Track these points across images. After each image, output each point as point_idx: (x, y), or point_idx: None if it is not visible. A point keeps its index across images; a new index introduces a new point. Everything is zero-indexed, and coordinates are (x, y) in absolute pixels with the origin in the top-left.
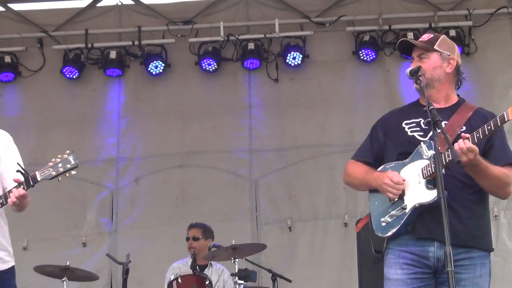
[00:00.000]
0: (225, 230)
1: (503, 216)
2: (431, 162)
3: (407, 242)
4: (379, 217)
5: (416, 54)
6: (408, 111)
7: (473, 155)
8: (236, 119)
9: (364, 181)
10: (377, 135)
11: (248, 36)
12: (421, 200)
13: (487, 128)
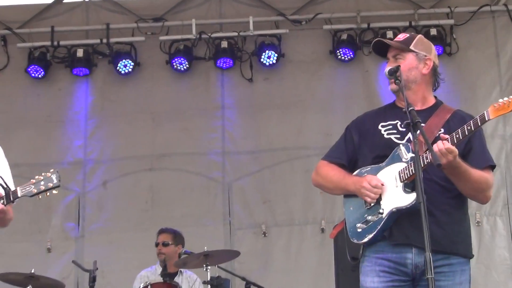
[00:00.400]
0: (197, 235)
1: (485, 222)
2: (409, 165)
3: (383, 249)
4: (354, 223)
5: (391, 54)
6: (384, 113)
7: (452, 157)
8: (209, 120)
9: (341, 185)
10: (351, 137)
11: (221, 34)
12: (398, 204)
13: (467, 128)
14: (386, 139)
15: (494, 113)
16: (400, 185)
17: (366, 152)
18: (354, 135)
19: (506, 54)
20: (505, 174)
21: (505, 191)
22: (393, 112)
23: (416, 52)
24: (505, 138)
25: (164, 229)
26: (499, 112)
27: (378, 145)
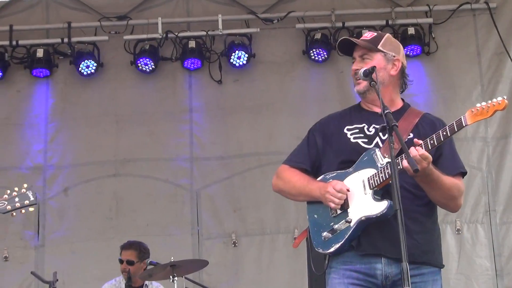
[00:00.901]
0: (163, 245)
1: (466, 230)
2: (379, 172)
3: (351, 260)
4: (320, 232)
5: (358, 54)
6: (349, 115)
7: (426, 164)
8: (176, 124)
9: (305, 191)
10: (314, 140)
11: (189, 33)
12: (368, 212)
13: (442, 134)
14: (353, 144)
15: (472, 118)
16: (369, 193)
17: (331, 157)
18: (317, 139)
19: (487, 53)
20: (487, 179)
21: (486, 197)
22: (360, 115)
23: (384, 52)
24: (487, 140)
25: (127, 245)
26: (477, 117)
27: (344, 149)
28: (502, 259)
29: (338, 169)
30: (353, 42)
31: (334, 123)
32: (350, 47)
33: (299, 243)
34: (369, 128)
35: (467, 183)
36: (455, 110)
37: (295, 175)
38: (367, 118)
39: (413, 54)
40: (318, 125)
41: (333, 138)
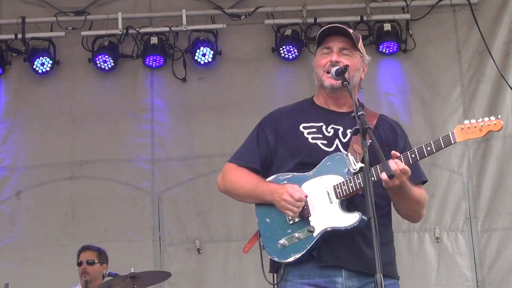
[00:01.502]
0: (122, 252)
1: (446, 238)
2: (347, 180)
3: (309, 273)
4: (274, 238)
5: (338, 46)
6: (303, 111)
7: (406, 178)
8: (136, 123)
9: (255, 194)
10: (265, 137)
11: (151, 29)
12: (335, 224)
13: (426, 149)
14: (312, 145)
15: (461, 136)
16: (336, 202)
17: (285, 157)
18: (268, 135)
19: (468, 50)
20: (467, 184)
21: (467, 203)
22: (315, 112)
23: (361, 53)
24: (468, 144)
25: (86, 246)
26: (467, 135)
27: (302, 150)
28: (484, 269)
29: (294, 171)
30: (336, 32)
31: (287, 119)
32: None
33: (250, 248)
34: (328, 129)
35: (447, 188)
36: (434, 111)
37: (243, 175)
38: (324, 117)
39: (389, 51)
40: (268, 120)
41: (287, 136)
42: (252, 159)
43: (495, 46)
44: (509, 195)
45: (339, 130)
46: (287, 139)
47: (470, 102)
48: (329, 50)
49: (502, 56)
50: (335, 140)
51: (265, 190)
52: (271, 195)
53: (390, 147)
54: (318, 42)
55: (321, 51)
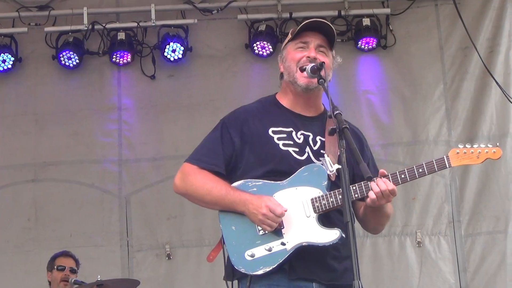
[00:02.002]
0: (89, 258)
1: (428, 243)
2: (327, 195)
3: (279, 283)
4: (241, 248)
5: (317, 42)
6: (269, 113)
7: (392, 198)
8: (103, 123)
9: (224, 202)
10: (230, 138)
11: (118, 24)
12: (312, 239)
13: (418, 171)
14: (284, 152)
15: (456, 161)
16: (313, 216)
17: (253, 162)
18: (234, 137)
19: (451, 47)
20: (450, 187)
21: (449, 206)
22: (283, 115)
23: (333, 54)
24: (450, 144)
25: (65, 253)
26: (463, 161)
27: (273, 157)
28: (468, 274)
29: (263, 178)
30: (314, 27)
31: (253, 121)
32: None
33: (216, 257)
34: (297, 134)
35: (429, 191)
36: (415, 110)
37: (209, 181)
38: (293, 121)
39: (368, 47)
40: (233, 120)
41: (255, 140)
42: (216, 161)
43: (479, 42)
44: (494, 198)
45: (309, 137)
46: (255, 143)
47: (453, 101)
48: (305, 45)
49: (487, 52)
50: (306, 148)
51: (237, 200)
52: (244, 206)
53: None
54: (293, 35)
55: (296, 45)
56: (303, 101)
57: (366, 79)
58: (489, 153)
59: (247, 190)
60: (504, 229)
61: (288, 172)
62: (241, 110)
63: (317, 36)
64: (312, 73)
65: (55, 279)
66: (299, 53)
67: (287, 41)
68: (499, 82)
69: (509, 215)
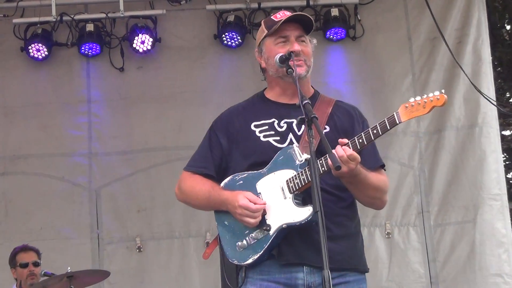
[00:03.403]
0: (59, 251)
1: (397, 234)
2: (299, 173)
3: (270, 269)
4: (233, 241)
5: (295, 34)
6: (253, 108)
7: (354, 165)
8: (72, 116)
9: (209, 204)
10: (218, 141)
11: (86, 16)
12: (290, 219)
13: (373, 132)
14: (264, 143)
15: (406, 115)
16: (290, 197)
17: (239, 159)
18: (221, 139)
19: (419, 37)
20: (419, 177)
21: (419, 197)
22: (266, 108)
23: (310, 38)
24: (419, 135)
25: (24, 248)
26: (412, 114)
27: (254, 150)
28: (437, 264)
29: (248, 170)
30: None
31: (238, 119)
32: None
33: (210, 254)
34: (280, 123)
35: (398, 182)
36: (384, 102)
37: (197, 184)
38: (276, 112)
39: (336, 38)
40: (219, 122)
41: (239, 137)
42: (205, 164)
43: (447, 32)
44: (463, 188)
45: (293, 123)
46: (239, 140)
47: (421, 92)
48: (285, 39)
49: (455, 43)
50: (288, 135)
51: (218, 201)
52: (225, 206)
53: (347, 134)
54: (269, 30)
55: (276, 40)
56: (292, 91)
57: (335, 69)
58: (433, 101)
59: (235, 184)
60: (473, 218)
61: (269, 161)
62: (226, 112)
63: (295, 27)
64: (280, 63)
65: (20, 276)
66: (281, 49)
67: (264, 36)
68: (467, 73)
69: (478, 205)
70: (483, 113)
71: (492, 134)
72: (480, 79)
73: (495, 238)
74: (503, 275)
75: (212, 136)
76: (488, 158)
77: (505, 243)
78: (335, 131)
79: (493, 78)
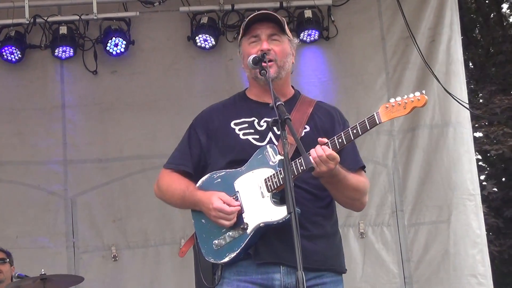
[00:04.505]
0: (35, 259)
1: (371, 233)
2: (277, 172)
3: (246, 270)
4: (210, 239)
5: (267, 33)
6: (234, 107)
7: (334, 165)
8: (46, 122)
9: (184, 203)
10: (197, 138)
11: (60, 18)
12: (267, 218)
13: (352, 132)
14: (243, 141)
15: (386, 115)
16: (268, 196)
17: (217, 156)
18: (200, 136)
19: (392, 37)
20: (393, 176)
21: (393, 196)
22: (247, 107)
23: (289, 37)
24: (393, 134)
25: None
26: (392, 114)
27: (233, 148)
28: (411, 264)
29: (227, 169)
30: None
31: (218, 117)
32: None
33: (186, 252)
34: (260, 122)
35: (372, 181)
36: (358, 101)
37: (173, 182)
38: (256, 111)
39: (310, 39)
40: (199, 120)
41: (218, 134)
42: (184, 161)
43: (420, 31)
44: (437, 187)
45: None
46: (218, 137)
47: (395, 91)
48: (256, 38)
49: (428, 42)
50: (268, 133)
51: (192, 201)
52: (199, 207)
53: (327, 134)
54: (243, 31)
55: (248, 40)
56: (265, 92)
57: (309, 71)
58: (414, 102)
59: (213, 182)
60: (447, 218)
61: (247, 159)
62: (207, 109)
63: (267, 26)
64: (254, 64)
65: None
66: (253, 48)
67: (240, 37)
68: (441, 72)
69: (451, 204)
70: (456, 113)
71: (465, 135)
72: (452, 79)
73: (469, 238)
74: (477, 276)
75: (192, 133)
76: (462, 158)
77: (479, 243)
78: (315, 130)
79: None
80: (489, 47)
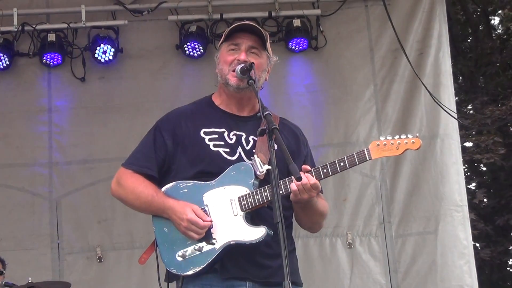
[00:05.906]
0: (19, 261)
1: (358, 244)
2: (253, 192)
3: (211, 283)
4: (173, 250)
5: (248, 44)
6: (202, 114)
7: (315, 193)
8: (33, 125)
9: (150, 208)
10: (163, 142)
11: (48, 26)
12: (239, 237)
13: (339, 164)
14: (213, 153)
15: (377, 153)
16: (241, 214)
17: (184, 163)
18: (166, 140)
19: (381, 48)
20: (381, 188)
21: (380, 208)
22: (216, 116)
23: (268, 54)
24: None
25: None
26: (383, 153)
27: (203, 159)
28: (399, 275)
29: (194, 179)
30: (245, 29)
31: (186, 122)
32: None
33: (147, 259)
34: (230, 135)
35: (360, 193)
36: (346, 111)
37: (139, 185)
38: (226, 122)
39: (299, 48)
40: (166, 123)
41: (186, 142)
42: (148, 164)
43: (408, 44)
44: (424, 199)
45: (242, 137)
46: (186, 144)
47: (383, 103)
48: (236, 47)
49: (416, 54)
50: (237, 148)
51: (161, 207)
52: (168, 214)
53: (293, 155)
54: (225, 37)
55: (228, 47)
56: (236, 101)
57: (297, 80)
58: (408, 144)
59: (178, 192)
60: (434, 229)
61: (218, 173)
62: (174, 113)
63: (249, 37)
64: (242, 74)
65: None
66: (231, 56)
67: (221, 42)
68: (429, 84)
69: (439, 215)
70: (444, 125)
71: (453, 146)
72: (440, 90)
73: (456, 249)
74: (464, 286)
75: (158, 136)
76: (450, 169)
77: (466, 254)
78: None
79: (453, 90)
80: (478, 58)
